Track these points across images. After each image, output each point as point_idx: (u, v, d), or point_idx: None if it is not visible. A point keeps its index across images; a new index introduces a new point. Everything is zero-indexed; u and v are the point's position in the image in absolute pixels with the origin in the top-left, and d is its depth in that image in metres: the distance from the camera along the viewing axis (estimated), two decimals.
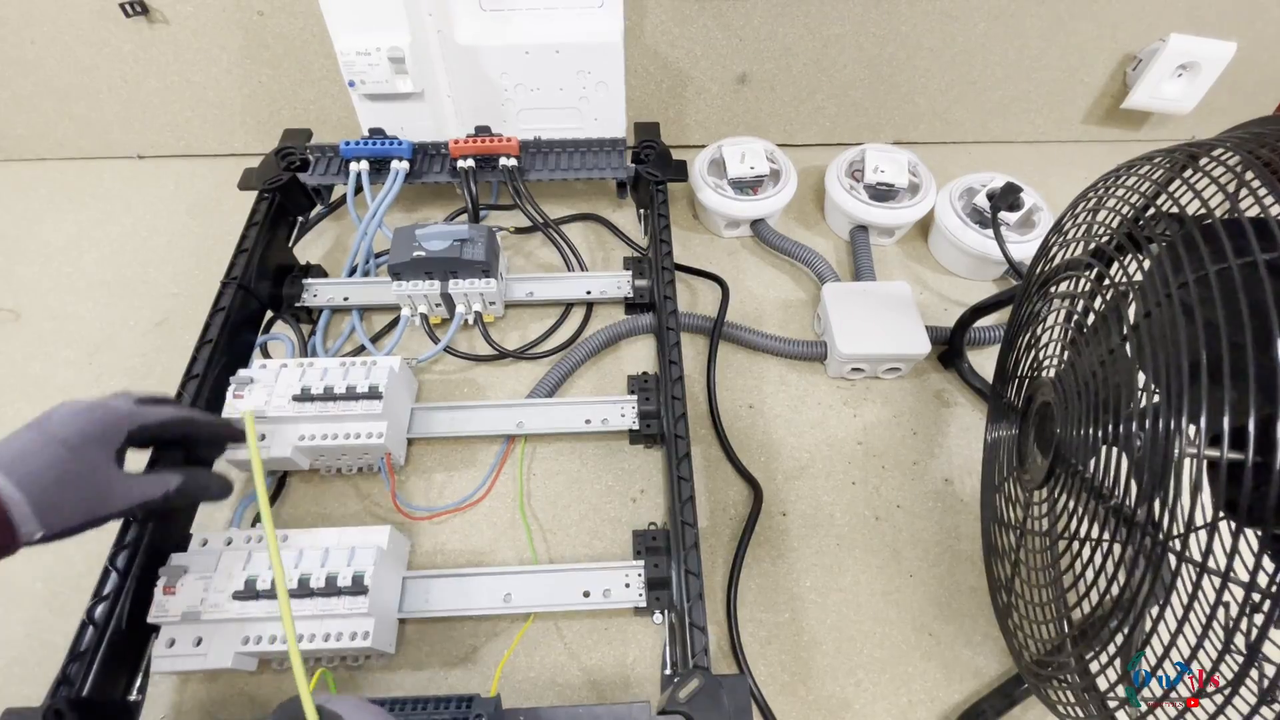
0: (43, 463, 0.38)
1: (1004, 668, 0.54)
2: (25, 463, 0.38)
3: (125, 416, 0.43)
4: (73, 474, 0.39)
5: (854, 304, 0.69)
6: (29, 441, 0.39)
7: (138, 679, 0.48)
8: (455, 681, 0.52)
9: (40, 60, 0.79)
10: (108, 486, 0.41)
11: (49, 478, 0.38)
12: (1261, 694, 0.29)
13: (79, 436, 0.40)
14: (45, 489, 0.38)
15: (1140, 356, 0.36)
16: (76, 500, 0.39)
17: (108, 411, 0.42)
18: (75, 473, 0.39)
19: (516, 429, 0.61)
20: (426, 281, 0.65)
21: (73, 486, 0.39)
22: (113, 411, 0.42)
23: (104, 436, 0.41)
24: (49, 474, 0.38)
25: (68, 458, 0.39)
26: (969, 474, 0.63)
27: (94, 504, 0.40)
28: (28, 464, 0.38)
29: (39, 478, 0.38)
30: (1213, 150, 0.36)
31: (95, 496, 0.40)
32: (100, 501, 0.40)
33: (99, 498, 0.40)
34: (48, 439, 0.39)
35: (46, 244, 0.79)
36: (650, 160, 0.74)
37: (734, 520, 0.60)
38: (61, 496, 0.38)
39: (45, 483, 0.38)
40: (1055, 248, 0.48)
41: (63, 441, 0.39)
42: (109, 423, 0.42)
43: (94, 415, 0.41)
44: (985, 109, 0.89)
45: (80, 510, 0.40)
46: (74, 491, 0.39)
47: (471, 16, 0.70)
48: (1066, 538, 0.40)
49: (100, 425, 0.41)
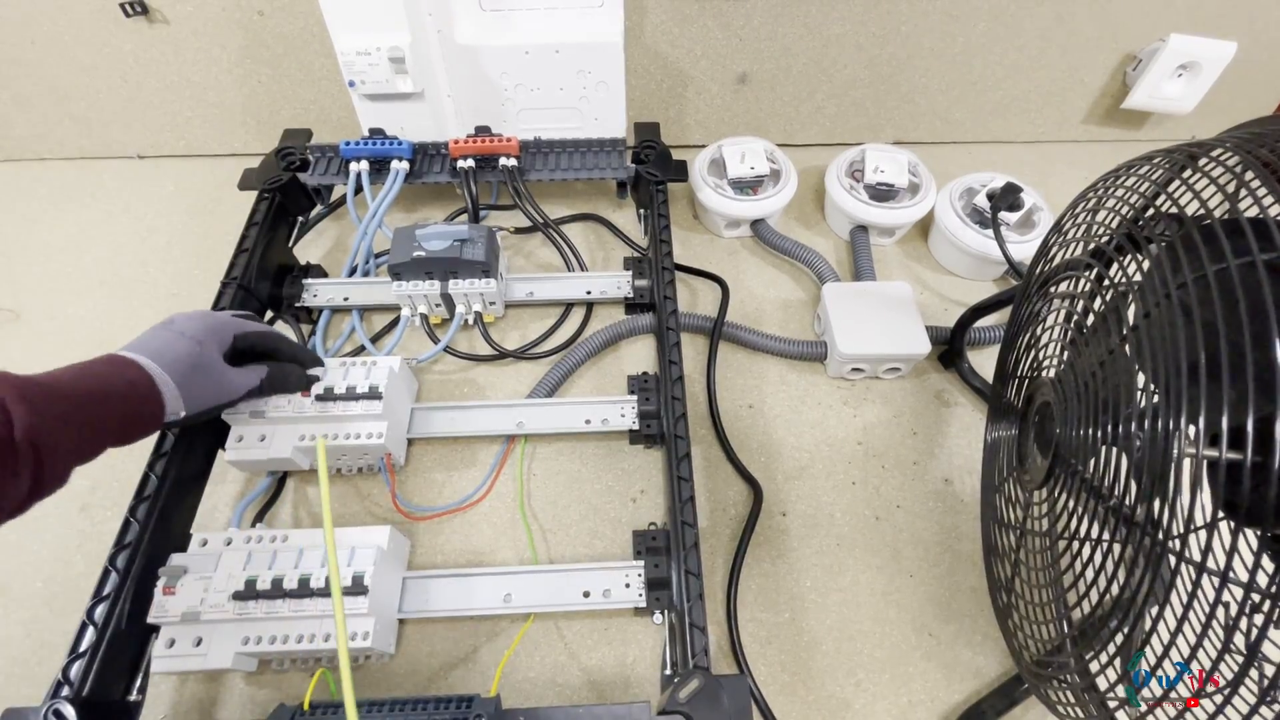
0: (179, 353, 0.46)
1: (1004, 668, 0.54)
2: (166, 353, 0.45)
3: (233, 323, 0.50)
4: (202, 364, 0.47)
5: (854, 304, 0.69)
6: (165, 338, 0.46)
7: (138, 679, 0.48)
8: (455, 681, 0.52)
9: (40, 60, 0.79)
10: (224, 377, 0.48)
11: (186, 365, 0.45)
12: (1261, 694, 0.29)
13: (205, 334, 0.48)
14: (184, 375, 0.45)
15: (1140, 357, 0.36)
16: (205, 386, 0.47)
17: (220, 317, 0.50)
18: (204, 364, 0.47)
19: (516, 429, 0.61)
20: (426, 281, 0.65)
21: (202, 375, 0.47)
22: (223, 318, 0.50)
23: (219, 336, 0.49)
24: (185, 362, 0.45)
25: (197, 351, 0.46)
26: (969, 474, 0.63)
27: (217, 391, 0.48)
28: (169, 354, 0.45)
29: (179, 365, 0.45)
30: (1212, 150, 0.36)
31: (217, 384, 0.48)
32: (220, 389, 0.48)
33: (219, 385, 0.48)
34: (178, 334, 0.47)
35: (46, 244, 0.79)
36: (650, 160, 0.74)
37: (734, 520, 0.60)
38: (195, 382, 0.46)
39: (184, 369, 0.45)
40: (1055, 248, 0.48)
41: (191, 337, 0.47)
42: (222, 326, 0.49)
43: (210, 319, 0.49)
44: (985, 109, 0.89)
45: (209, 395, 0.47)
46: (203, 379, 0.47)
47: (471, 16, 0.69)
48: (1066, 538, 0.40)
49: (216, 327, 0.49)
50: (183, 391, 0.45)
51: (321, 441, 0.50)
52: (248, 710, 0.51)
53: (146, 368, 0.44)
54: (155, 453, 0.53)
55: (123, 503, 0.50)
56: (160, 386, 0.44)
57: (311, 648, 0.47)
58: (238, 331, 0.50)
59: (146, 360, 0.44)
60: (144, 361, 0.44)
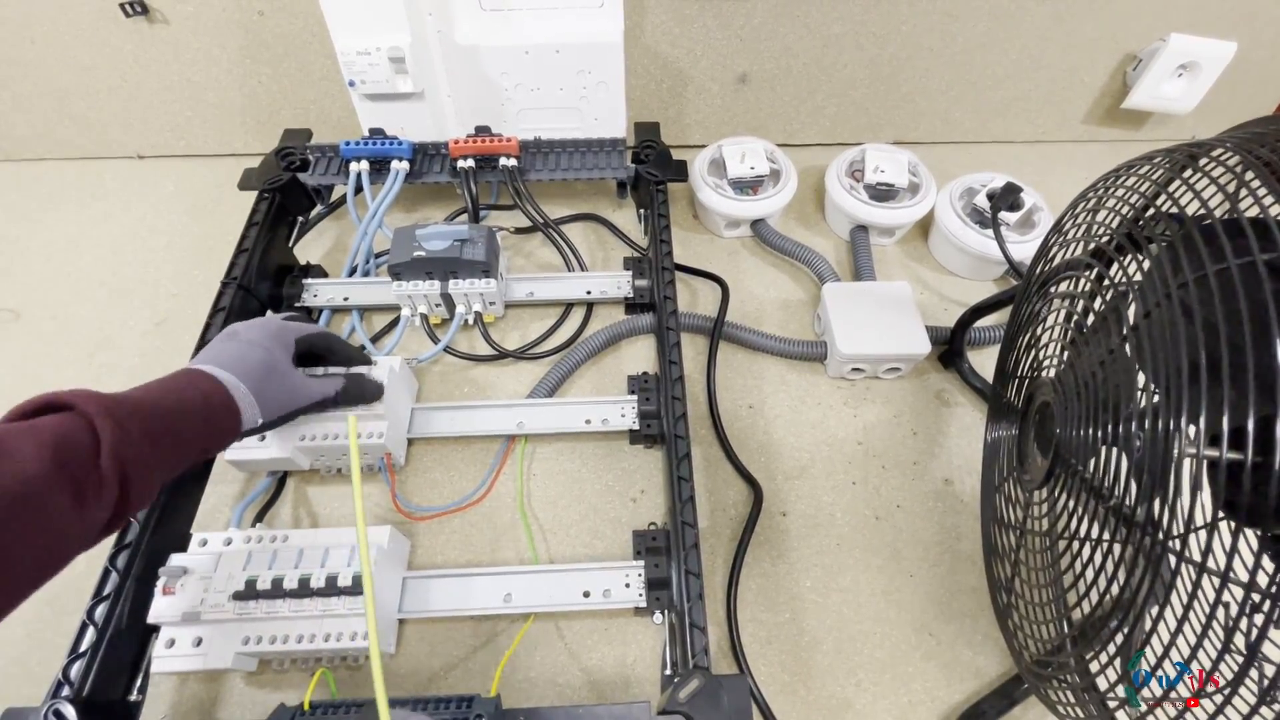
0: (251, 362, 0.45)
1: (1004, 668, 0.54)
2: (238, 364, 0.45)
3: (291, 326, 0.50)
4: (275, 372, 0.47)
5: (854, 304, 0.69)
6: (233, 348, 0.46)
7: (138, 679, 0.48)
8: (455, 681, 0.52)
9: (40, 60, 0.79)
10: (297, 383, 0.48)
11: (259, 373, 0.45)
12: (1261, 694, 0.29)
13: (270, 340, 0.47)
14: (259, 382, 0.45)
15: (1140, 356, 0.36)
16: (280, 393, 0.47)
17: (281, 324, 0.50)
18: (276, 371, 0.47)
19: (516, 429, 0.61)
20: (426, 281, 0.65)
21: (276, 381, 0.47)
22: (284, 324, 0.50)
23: (285, 343, 0.49)
24: (259, 370, 0.46)
25: (267, 359, 0.46)
26: (969, 474, 0.63)
27: (292, 396, 0.48)
28: (241, 364, 0.45)
29: (253, 373, 0.45)
30: (1212, 150, 0.36)
31: (291, 390, 0.48)
32: (294, 393, 0.48)
33: (293, 391, 0.48)
34: (247, 344, 0.47)
35: (46, 244, 0.79)
36: (650, 160, 0.74)
37: (734, 520, 0.60)
38: (269, 389, 0.46)
39: (257, 377, 0.45)
40: (1055, 248, 0.48)
41: (259, 345, 0.47)
42: (283, 332, 0.49)
43: (271, 326, 0.49)
44: (985, 109, 0.89)
45: (283, 402, 0.47)
46: (277, 385, 0.47)
47: (471, 16, 0.69)
48: (1066, 538, 0.40)
49: (279, 333, 0.49)
50: (258, 399, 0.45)
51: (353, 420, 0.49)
52: (248, 710, 0.51)
53: (222, 379, 0.44)
54: None
55: None
56: (236, 397, 0.44)
57: (311, 648, 0.47)
58: (297, 335, 0.50)
59: (221, 372, 0.44)
60: (218, 373, 0.44)
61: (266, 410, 0.46)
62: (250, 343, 0.47)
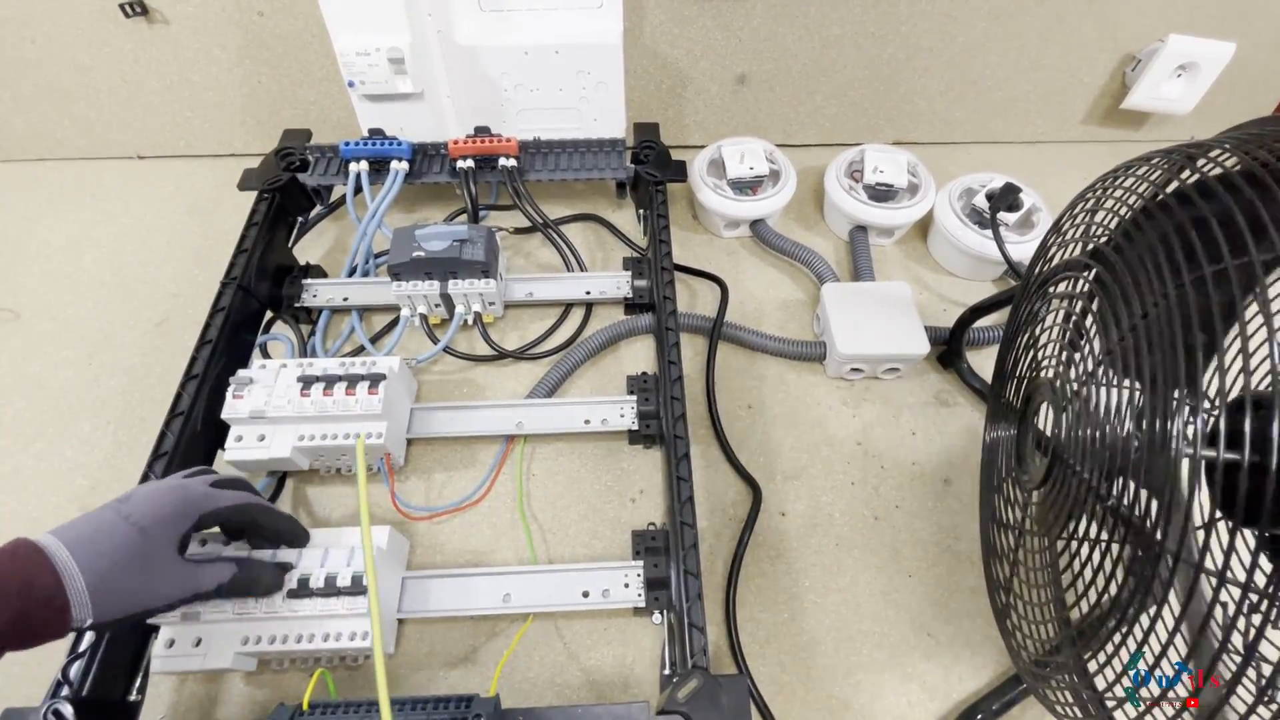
0: (111, 544, 0.38)
1: (1003, 668, 0.54)
2: (93, 544, 0.37)
3: (199, 501, 0.42)
4: (139, 560, 0.39)
5: (853, 304, 0.69)
6: (102, 522, 0.39)
7: (137, 679, 0.48)
8: (455, 681, 0.52)
9: (40, 60, 0.79)
10: (165, 576, 0.40)
11: (113, 559, 0.38)
12: (1259, 693, 0.29)
13: (152, 521, 0.40)
14: (107, 572, 0.37)
15: (1138, 357, 0.36)
16: (133, 587, 0.39)
17: (186, 495, 0.42)
18: (141, 559, 0.39)
19: (516, 429, 0.62)
20: (426, 282, 0.65)
21: (134, 573, 0.39)
22: (190, 495, 0.42)
23: (176, 521, 0.41)
24: (113, 556, 0.38)
25: (132, 544, 0.39)
26: (968, 474, 0.63)
27: (148, 594, 0.40)
28: (96, 545, 0.38)
29: (102, 560, 0.37)
30: (1211, 151, 0.36)
31: (151, 585, 0.40)
32: (153, 593, 0.40)
33: (153, 587, 0.40)
34: (123, 519, 0.39)
35: (46, 244, 0.79)
36: (650, 160, 0.74)
37: (733, 520, 0.60)
38: (120, 582, 0.38)
39: (107, 565, 0.37)
40: (1054, 248, 0.48)
41: (134, 523, 0.39)
42: (184, 507, 0.42)
43: (172, 498, 0.41)
44: (985, 109, 0.89)
45: (138, 598, 0.39)
46: (133, 578, 0.39)
47: (471, 16, 0.70)
48: (1065, 538, 0.40)
49: (175, 508, 0.41)
50: (100, 594, 0.37)
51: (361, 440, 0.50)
52: (248, 710, 0.51)
53: (57, 565, 0.36)
54: (155, 453, 0.53)
55: None
56: (68, 590, 0.36)
57: (311, 648, 0.47)
58: (205, 511, 0.42)
59: (61, 552, 0.36)
60: (56, 555, 0.36)
61: (105, 608, 0.37)
62: (127, 519, 0.39)
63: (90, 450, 0.63)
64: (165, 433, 0.54)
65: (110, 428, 0.65)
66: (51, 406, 0.66)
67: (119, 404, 0.66)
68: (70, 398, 0.67)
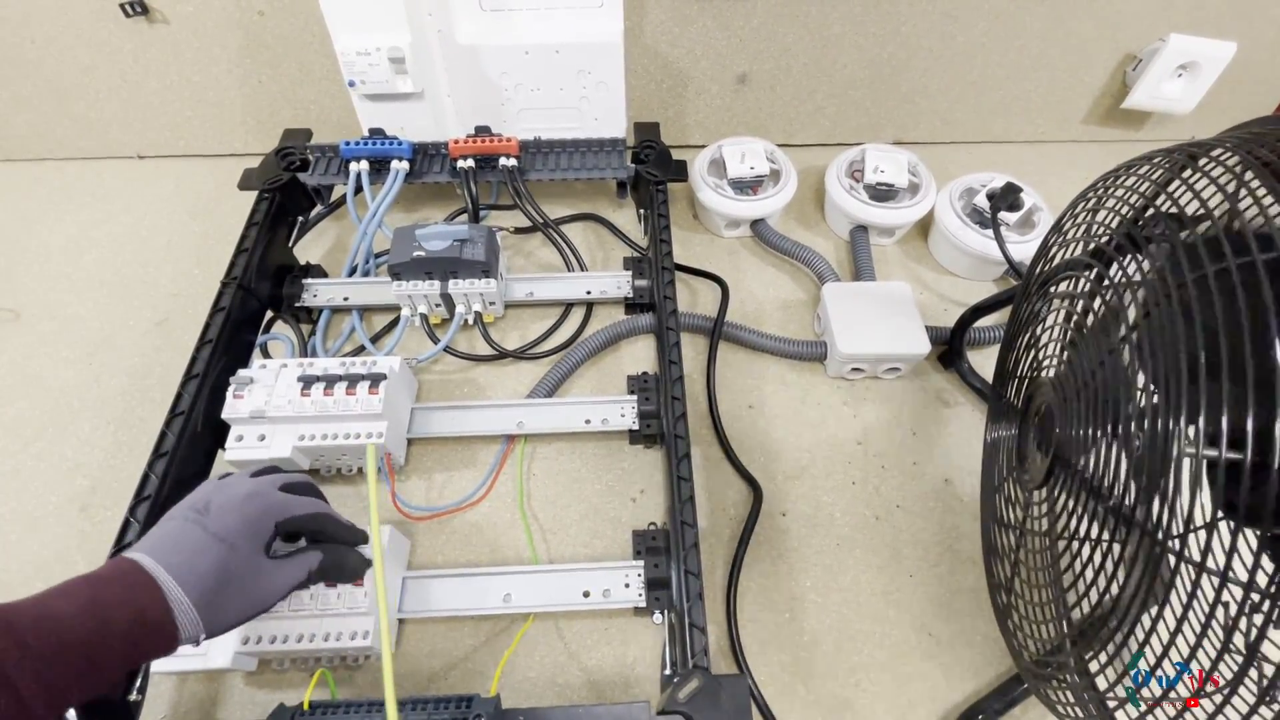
0: (208, 565, 0.38)
1: (1004, 668, 0.54)
2: (190, 569, 0.37)
3: (276, 509, 0.42)
4: (235, 574, 0.39)
5: (854, 304, 0.69)
6: (193, 542, 0.39)
7: (138, 679, 0.47)
8: (455, 681, 0.52)
9: (40, 60, 0.79)
10: (261, 581, 0.40)
11: (213, 580, 0.38)
12: (1260, 693, 0.29)
13: (239, 535, 0.40)
14: (210, 592, 0.37)
15: (1140, 356, 0.36)
16: (238, 597, 0.39)
17: (264, 505, 0.42)
18: (237, 573, 0.39)
19: (516, 429, 0.62)
20: (426, 281, 0.65)
21: (235, 586, 0.39)
22: (268, 506, 0.42)
23: (259, 532, 0.41)
24: (213, 576, 0.38)
25: (227, 562, 0.39)
26: (969, 474, 0.63)
27: (251, 601, 0.40)
28: (195, 568, 0.37)
29: (204, 581, 0.37)
30: (1212, 150, 0.36)
31: (252, 593, 0.40)
32: (255, 599, 0.40)
33: (255, 594, 0.40)
34: (211, 538, 0.39)
35: (46, 244, 0.79)
36: (650, 160, 0.74)
37: (734, 520, 0.60)
38: (225, 599, 0.38)
39: (210, 585, 0.38)
40: (1055, 248, 0.48)
41: (223, 540, 0.39)
42: (263, 517, 0.41)
43: (251, 508, 0.41)
44: (985, 109, 0.89)
45: (238, 609, 0.39)
46: (234, 591, 0.39)
47: (471, 16, 0.69)
48: (1066, 538, 0.40)
49: (256, 520, 0.41)
50: (207, 613, 0.37)
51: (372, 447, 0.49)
52: (247, 710, 0.51)
53: (164, 590, 0.36)
54: (155, 453, 0.53)
55: (123, 503, 0.50)
56: (176, 614, 0.36)
57: (311, 647, 0.47)
58: (280, 518, 0.42)
59: (165, 577, 0.37)
60: (163, 581, 0.36)
61: (215, 624, 0.38)
62: (215, 536, 0.39)
63: (90, 450, 0.63)
64: (165, 433, 0.54)
65: (110, 428, 0.65)
66: (51, 406, 0.66)
67: (119, 404, 0.66)
68: (70, 398, 0.67)
